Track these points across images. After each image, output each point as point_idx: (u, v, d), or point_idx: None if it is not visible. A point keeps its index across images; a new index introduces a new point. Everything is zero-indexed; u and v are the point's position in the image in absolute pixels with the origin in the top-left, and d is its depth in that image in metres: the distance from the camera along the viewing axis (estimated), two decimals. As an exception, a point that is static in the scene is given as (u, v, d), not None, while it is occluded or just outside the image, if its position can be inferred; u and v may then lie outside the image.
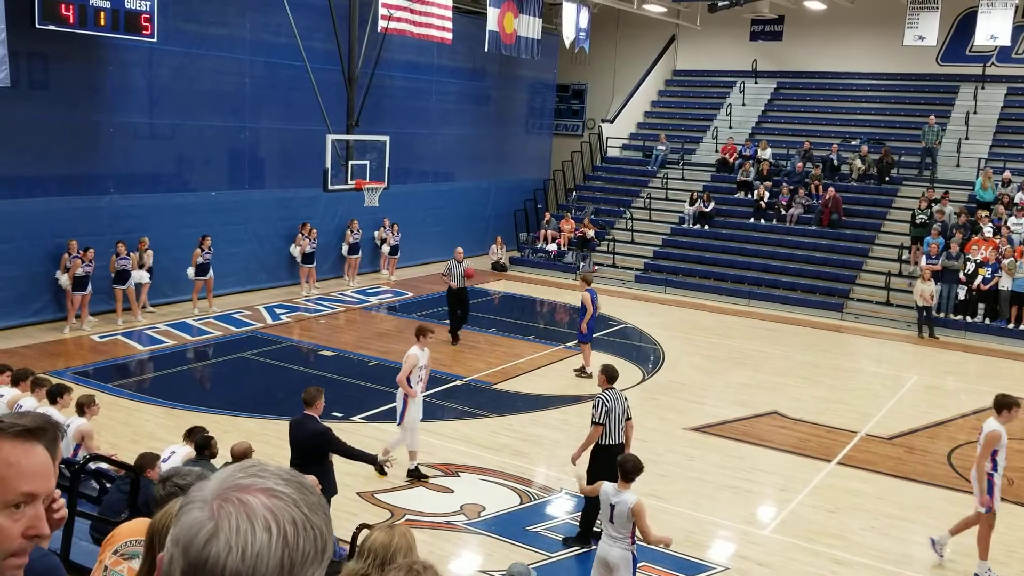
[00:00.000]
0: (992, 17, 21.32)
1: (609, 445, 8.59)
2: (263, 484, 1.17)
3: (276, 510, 1.14)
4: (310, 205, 20.29)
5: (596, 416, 8.62)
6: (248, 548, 1.11)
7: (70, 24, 14.10)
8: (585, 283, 14.47)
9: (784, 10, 26.66)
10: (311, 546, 1.15)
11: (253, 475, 1.19)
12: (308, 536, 1.15)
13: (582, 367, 14.38)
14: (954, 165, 23.58)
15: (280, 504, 1.15)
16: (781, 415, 13.02)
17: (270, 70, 19.11)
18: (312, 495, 1.20)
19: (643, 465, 7.11)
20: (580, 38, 24.44)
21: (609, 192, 26.88)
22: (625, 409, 8.78)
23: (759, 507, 10.03)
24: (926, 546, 8.77)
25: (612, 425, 8.64)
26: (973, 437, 12.35)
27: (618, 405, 8.71)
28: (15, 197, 15.27)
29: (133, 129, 17.05)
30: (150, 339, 15.49)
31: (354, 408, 12.40)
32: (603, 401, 8.66)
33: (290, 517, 1.14)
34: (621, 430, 8.71)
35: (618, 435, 8.67)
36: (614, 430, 8.65)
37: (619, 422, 8.69)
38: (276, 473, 1.21)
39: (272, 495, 1.16)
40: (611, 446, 8.57)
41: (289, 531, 1.13)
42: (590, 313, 14.07)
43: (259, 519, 1.13)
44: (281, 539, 1.13)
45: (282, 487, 1.18)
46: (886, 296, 20.05)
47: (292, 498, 1.17)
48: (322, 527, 1.18)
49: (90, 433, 8.50)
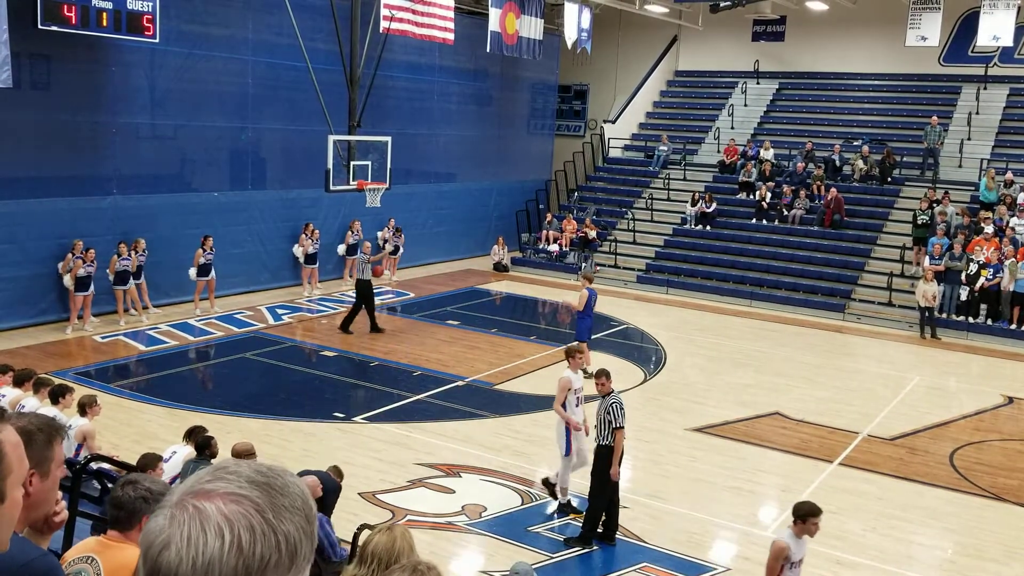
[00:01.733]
0: (994, 17, 21.31)
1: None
2: (226, 488, 1.16)
3: (232, 516, 1.13)
4: (313, 206, 20.31)
5: (621, 420, 8.54)
6: (199, 557, 1.11)
7: (72, 25, 14.12)
8: (587, 281, 14.52)
9: (786, 11, 26.65)
10: (271, 552, 1.13)
11: (219, 478, 1.18)
12: (268, 542, 1.13)
13: (587, 367, 14.43)
14: (956, 166, 23.57)
15: (238, 509, 1.14)
16: (783, 416, 13.01)
17: (272, 71, 19.13)
18: (282, 497, 1.18)
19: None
20: (582, 39, 24.45)
21: (611, 193, 26.87)
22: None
23: (761, 508, 10.02)
24: (927, 547, 8.75)
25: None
26: (975, 438, 12.38)
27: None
28: (18, 198, 15.28)
29: (135, 130, 17.06)
30: (152, 339, 15.50)
31: (356, 409, 12.40)
32: (621, 404, 8.61)
33: (247, 523, 1.13)
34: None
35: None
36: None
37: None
38: (244, 475, 1.19)
39: (232, 499, 1.15)
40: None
41: (244, 537, 1.12)
42: (581, 307, 14.14)
43: (212, 526, 1.12)
44: (235, 546, 1.11)
45: (246, 491, 1.16)
46: (888, 297, 20.04)
47: (255, 502, 1.15)
48: (290, 531, 1.15)
49: (92, 433, 8.51)
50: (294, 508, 1.18)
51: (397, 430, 11.61)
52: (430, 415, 12.35)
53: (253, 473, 1.20)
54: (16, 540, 1.69)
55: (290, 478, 1.22)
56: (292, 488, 1.20)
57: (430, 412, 12.48)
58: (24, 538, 2.25)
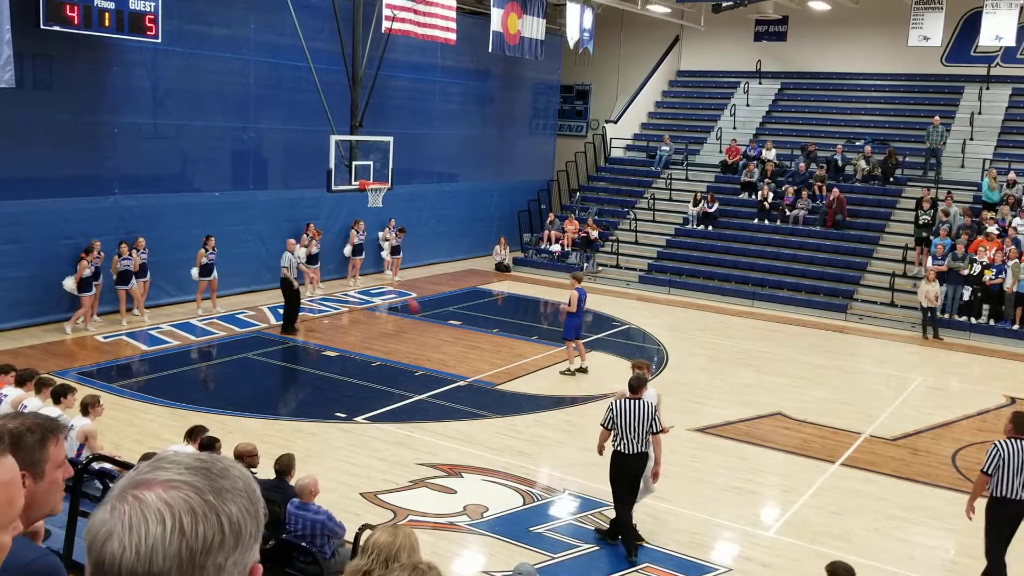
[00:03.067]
0: (997, 17, 21.29)
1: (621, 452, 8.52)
2: (163, 476, 1.18)
3: (172, 501, 1.15)
4: (315, 206, 20.32)
5: (603, 421, 8.56)
6: (142, 544, 1.12)
7: (74, 25, 14.14)
8: (576, 280, 14.59)
9: (788, 11, 26.63)
10: (215, 532, 1.15)
11: (157, 468, 1.20)
12: (210, 523, 1.15)
13: (570, 366, 14.50)
14: (958, 166, 23.54)
15: (177, 495, 1.16)
16: (785, 416, 13.00)
17: (274, 71, 19.13)
18: (222, 480, 1.20)
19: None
20: (584, 39, 24.44)
21: (613, 193, 26.87)
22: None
23: (763, 508, 10.02)
24: (930, 547, 8.75)
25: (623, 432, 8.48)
26: (978, 438, 12.35)
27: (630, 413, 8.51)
28: (20, 198, 15.29)
29: (137, 130, 17.07)
30: (154, 339, 15.51)
31: (358, 409, 12.40)
32: (610, 407, 8.55)
33: (187, 507, 1.15)
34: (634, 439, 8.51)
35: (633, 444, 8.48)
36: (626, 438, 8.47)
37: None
38: (182, 463, 1.21)
39: (170, 487, 1.17)
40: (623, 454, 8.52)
41: (185, 520, 1.14)
42: (573, 309, 14.19)
43: (152, 513, 1.14)
44: (176, 530, 1.13)
45: (184, 476, 1.18)
46: (890, 297, 20.02)
47: (194, 486, 1.17)
48: (232, 512, 1.17)
49: (94, 433, 8.51)
50: (235, 490, 1.20)
51: (399, 430, 11.61)
52: (432, 415, 12.35)
53: (191, 460, 1.22)
54: (18, 540, 1.69)
55: (230, 463, 1.24)
56: (232, 471, 1.22)
57: (432, 412, 12.49)
58: (25, 539, 2.25)
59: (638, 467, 8.53)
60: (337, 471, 10.02)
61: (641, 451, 8.47)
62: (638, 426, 8.41)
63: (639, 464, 8.51)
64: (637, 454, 8.45)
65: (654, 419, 8.48)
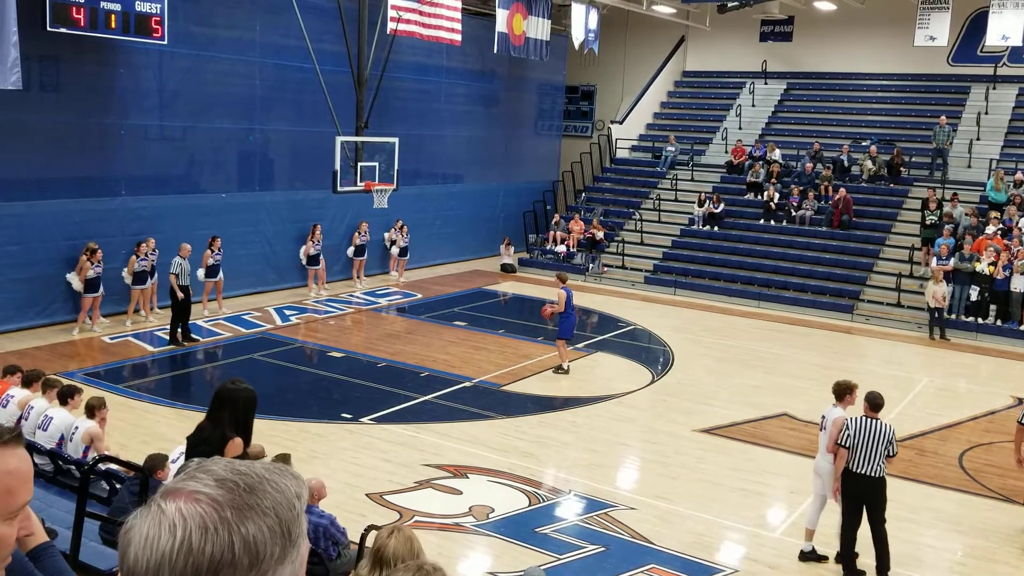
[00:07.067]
0: (1004, 17, 21.21)
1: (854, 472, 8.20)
2: (191, 487, 1.15)
3: (188, 515, 1.12)
4: (320, 207, 20.34)
5: (841, 439, 8.28)
6: (152, 555, 1.11)
7: (81, 27, 14.18)
8: (560, 281, 14.66)
9: (794, 11, 26.57)
10: (223, 551, 1.10)
11: (191, 477, 1.17)
12: (220, 541, 1.10)
13: (563, 363, 14.54)
14: (965, 166, 23.48)
15: (194, 509, 1.12)
16: (791, 417, 12.97)
17: (280, 72, 19.16)
18: (249, 496, 1.14)
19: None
20: (589, 39, 24.44)
21: (618, 193, 26.85)
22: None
23: (769, 509, 9.99)
24: (937, 549, 8.71)
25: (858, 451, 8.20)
26: (984, 439, 12.31)
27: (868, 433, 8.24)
28: (27, 199, 15.34)
29: (144, 131, 17.12)
30: (160, 340, 15.53)
31: (363, 409, 12.41)
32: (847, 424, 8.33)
33: (200, 521, 1.11)
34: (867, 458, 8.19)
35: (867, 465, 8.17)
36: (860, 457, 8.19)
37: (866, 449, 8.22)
38: (215, 474, 1.16)
39: (192, 499, 1.13)
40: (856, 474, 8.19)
41: (195, 536, 1.10)
42: (561, 308, 14.25)
43: (167, 526, 1.11)
44: (184, 544, 1.10)
45: (208, 489, 1.14)
46: (897, 298, 19.97)
47: (215, 501, 1.12)
48: (250, 532, 1.12)
49: (99, 435, 8.52)
50: (260, 508, 1.14)
51: (404, 431, 11.61)
52: (437, 416, 12.35)
53: (225, 471, 1.17)
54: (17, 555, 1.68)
55: (269, 476, 1.18)
56: (264, 486, 1.16)
57: (437, 413, 12.48)
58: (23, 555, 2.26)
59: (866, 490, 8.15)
60: (343, 472, 10.02)
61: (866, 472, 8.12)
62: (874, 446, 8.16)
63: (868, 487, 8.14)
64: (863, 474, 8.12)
65: (891, 441, 8.22)
